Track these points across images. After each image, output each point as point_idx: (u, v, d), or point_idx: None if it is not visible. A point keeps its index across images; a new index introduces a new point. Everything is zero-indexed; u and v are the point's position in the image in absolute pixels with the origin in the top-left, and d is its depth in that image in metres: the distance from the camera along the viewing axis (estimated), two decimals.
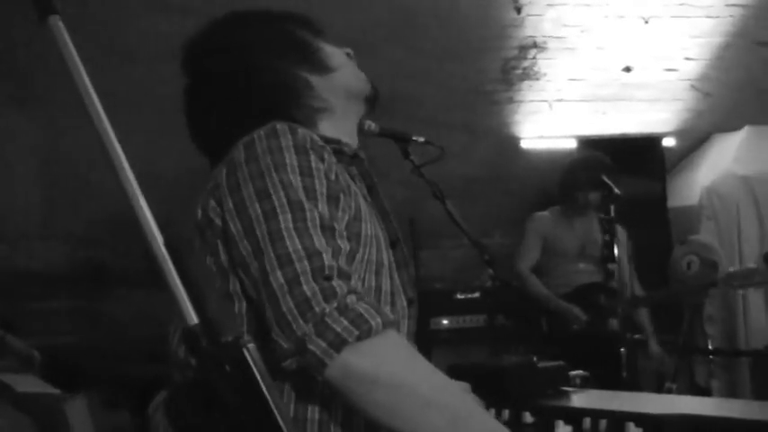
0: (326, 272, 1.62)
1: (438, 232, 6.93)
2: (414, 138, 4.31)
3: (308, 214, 1.66)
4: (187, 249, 1.11)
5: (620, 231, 5.65)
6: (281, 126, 1.77)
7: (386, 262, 1.92)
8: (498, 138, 7.75)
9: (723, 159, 8.08)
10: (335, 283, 1.61)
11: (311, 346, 1.56)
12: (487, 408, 2.51)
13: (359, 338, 1.57)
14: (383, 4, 6.39)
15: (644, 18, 7.36)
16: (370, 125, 4.16)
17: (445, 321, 7.12)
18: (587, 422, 2.27)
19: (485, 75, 7.31)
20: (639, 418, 2.18)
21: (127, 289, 6.43)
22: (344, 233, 1.74)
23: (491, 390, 2.54)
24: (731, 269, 6.12)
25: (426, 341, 6.86)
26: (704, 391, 7.43)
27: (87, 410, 5.50)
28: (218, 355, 1.06)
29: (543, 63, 7.42)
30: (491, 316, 6.71)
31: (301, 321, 1.57)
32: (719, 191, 7.79)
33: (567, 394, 2.64)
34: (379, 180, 6.24)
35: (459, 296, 7.19)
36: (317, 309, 1.57)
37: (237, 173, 1.71)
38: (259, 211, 1.66)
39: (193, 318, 1.09)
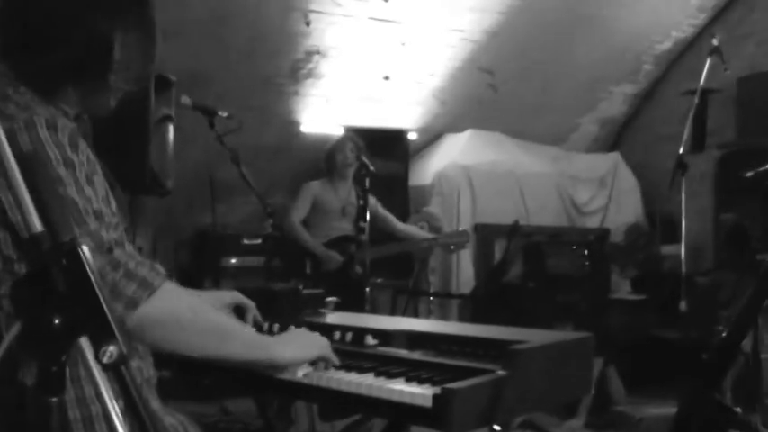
0: (107, 245, 1.62)
1: (231, 190, 6.87)
2: (219, 112, 4.28)
3: (79, 205, 1.62)
4: (38, 161, 1.07)
5: (371, 199, 5.74)
6: (38, 119, 1.64)
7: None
8: (284, 121, 7.70)
9: (451, 152, 8.25)
10: (117, 253, 1.63)
11: None
12: (264, 321, 2.53)
13: (148, 297, 1.62)
14: (202, 4, 6.27)
15: (402, 42, 7.47)
16: (186, 99, 4.12)
17: (233, 260, 7.09)
18: (337, 334, 2.32)
19: (277, 71, 7.25)
20: (374, 332, 2.26)
21: None
22: (105, 209, 1.70)
23: (267, 308, 2.56)
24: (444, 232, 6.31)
25: (217, 275, 6.83)
26: None
27: None
28: (58, 252, 1.04)
29: (323, 67, 7.41)
30: (269, 257, 6.71)
31: None
32: (447, 175, 7.93)
33: (323, 314, 2.69)
34: (185, 145, 6.07)
35: (245, 241, 7.16)
36: (108, 278, 1.59)
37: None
38: None
39: (37, 226, 1.06)
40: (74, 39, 1.75)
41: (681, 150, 4.81)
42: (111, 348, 1.00)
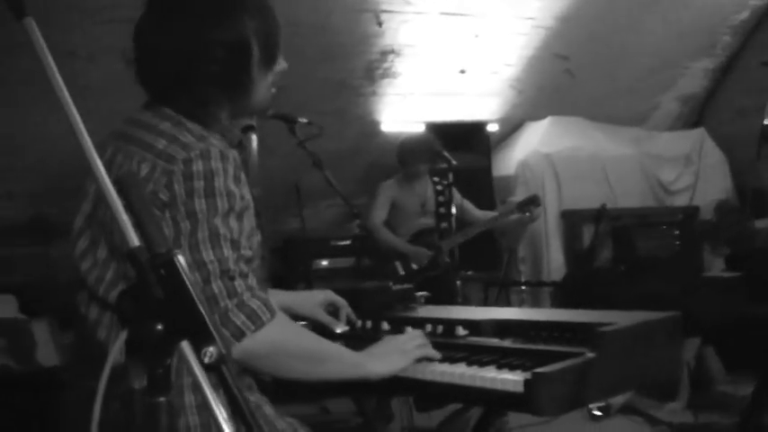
0: (230, 273, 1.71)
1: (316, 194, 6.96)
2: (300, 119, 4.35)
3: (220, 232, 1.71)
4: (132, 182, 1.14)
5: (455, 192, 5.75)
6: (213, 150, 1.74)
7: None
8: (363, 122, 7.76)
9: (532, 141, 8.23)
10: (237, 283, 1.71)
11: None
12: (357, 318, 2.59)
13: (254, 331, 1.71)
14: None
15: (475, 33, 7.47)
16: None
17: (324, 263, 7.17)
18: (428, 327, 2.36)
19: (353, 73, 7.31)
20: (465, 323, 2.29)
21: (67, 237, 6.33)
22: (245, 243, 1.78)
23: (358, 305, 2.62)
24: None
25: (309, 278, 6.92)
26: None
27: (49, 331, 5.45)
28: (155, 262, 1.10)
29: (399, 65, 7.45)
30: (358, 258, 6.77)
31: (209, 313, 1.65)
32: (530, 164, 7.93)
33: (414, 308, 2.73)
34: (269, 154, 6.14)
35: (333, 243, 7.24)
36: (221, 304, 1.69)
37: (175, 185, 1.71)
38: (189, 226, 1.70)
39: (135, 241, 1.13)
40: (217, 60, 1.84)
41: (765, 121, 4.71)
42: (212, 349, 1.07)
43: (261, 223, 2.01)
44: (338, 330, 2.52)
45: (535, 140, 8.20)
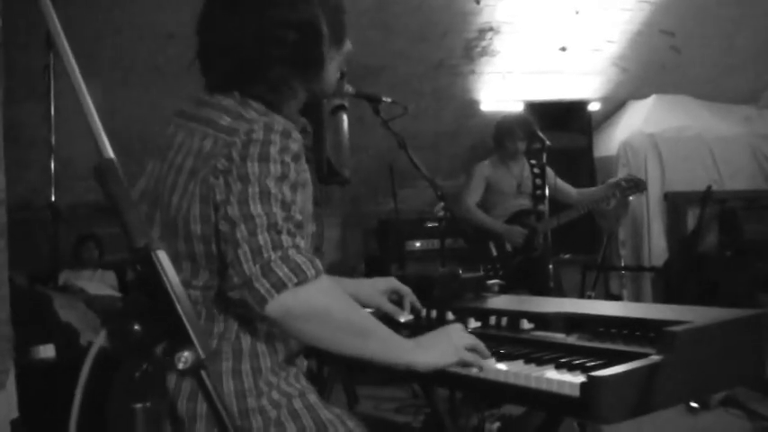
0: (278, 228, 1.64)
1: (413, 175, 6.86)
2: (383, 98, 4.22)
3: (272, 191, 1.67)
4: (109, 169, 1.06)
5: (549, 172, 5.55)
6: (277, 125, 1.72)
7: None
8: (461, 102, 7.65)
9: (635, 120, 7.99)
10: (284, 237, 1.64)
11: (257, 284, 1.60)
12: (421, 307, 2.47)
13: (296, 285, 1.61)
14: None
15: (576, 9, 7.24)
16: (348, 88, 4.08)
17: (417, 244, 7.10)
18: (492, 319, 2.24)
19: (450, 52, 7.19)
20: (530, 316, 2.16)
21: None
22: (296, 209, 1.72)
23: (424, 294, 2.50)
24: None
25: (402, 259, 6.86)
26: (617, 298, 7.43)
27: None
28: (133, 257, 1.01)
29: (497, 43, 7.30)
30: (443, 241, 6.65)
31: (252, 263, 1.61)
32: (632, 144, 7.69)
33: (484, 298, 2.60)
34: (366, 135, 6.05)
35: (428, 224, 7.15)
36: (265, 255, 1.61)
37: (233, 153, 1.69)
38: (240, 186, 1.66)
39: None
40: (287, 41, 1.81)
41: None
42: (186, 354, 0.96)
43: (319, 214, 1.93)
44: (402, 319, 2.42)
45: (638, 120, 7.95)
